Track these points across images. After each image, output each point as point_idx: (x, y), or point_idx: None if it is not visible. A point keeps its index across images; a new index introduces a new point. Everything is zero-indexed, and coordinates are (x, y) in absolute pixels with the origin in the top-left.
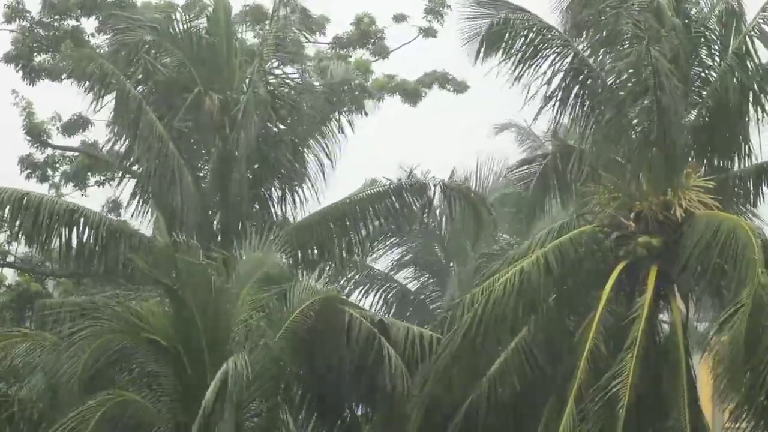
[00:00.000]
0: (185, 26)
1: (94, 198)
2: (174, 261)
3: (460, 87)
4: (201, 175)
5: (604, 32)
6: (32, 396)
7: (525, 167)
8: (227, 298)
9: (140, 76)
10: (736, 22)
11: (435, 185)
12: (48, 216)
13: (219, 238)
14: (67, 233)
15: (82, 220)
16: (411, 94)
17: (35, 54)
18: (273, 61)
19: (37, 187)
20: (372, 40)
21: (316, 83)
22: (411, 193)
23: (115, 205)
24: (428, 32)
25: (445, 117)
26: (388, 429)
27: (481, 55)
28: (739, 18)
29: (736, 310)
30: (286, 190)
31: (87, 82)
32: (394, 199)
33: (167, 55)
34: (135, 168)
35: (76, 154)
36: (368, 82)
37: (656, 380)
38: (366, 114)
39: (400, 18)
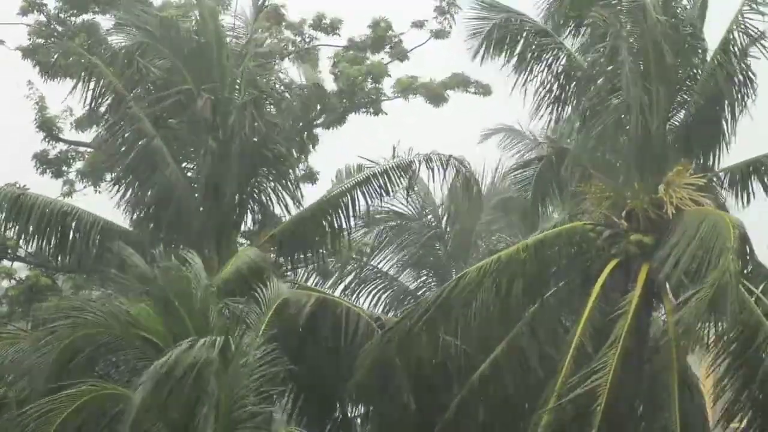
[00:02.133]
0: (177, 27)
1: (108, 195)
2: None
3: (484, 90)
4: (196, 175)
5: (589, 33)
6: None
7: (522, 170)
8: (212, 298)
9: (136, 78)
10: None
11: (420, 161)
12: (40, 216)
13: (213, 238)
14: (59, 234)
15: (74, 222)
16: (434, 96)
17: (52, 50)
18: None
19: (52, 183)
20: (387, 45)
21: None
22: (397, 171)
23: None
24: (440, 34)
25: (465, 118)
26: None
27: (482, 55)
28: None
29: (697, 291)
30: (279, 189)
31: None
32: (380, 179)
33: (161, 56)
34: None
35: (89, 149)
36: (381, 84)
37: (647, 378)
38: (385, 113)
39: (419, 24)
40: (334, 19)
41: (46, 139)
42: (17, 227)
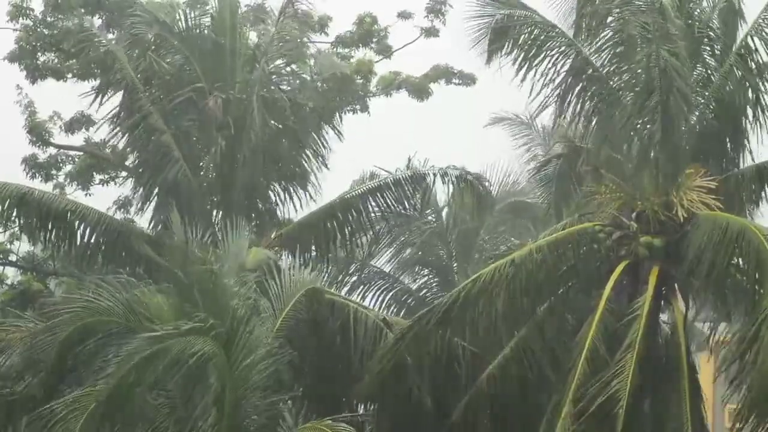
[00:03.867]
0: (191, 24)
1: (98, 197)
2: (186, 256)
3: (468, 80)
4: (202, 174)
5: (610, 33)
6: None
7: (544, 169)
8: (228, 292)
9: (146, 74)
10: (737, 21)
11: (434, 174)
12: (47, 213)
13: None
14: (65, 230)
15: (80, 218)
16: (418, 89)
17: (39, 53)
18: (276, 60)
19: (41, 188)
20: (374, 40)
21: (307, 77)
22: (410, 183)
23: (123, 203)
24: (430, 32)
25: (453, 113)
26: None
27: (486, 54)
28: (740, 16)
29: (762, 321)
30: (289, 188)
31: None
32: (393, 190)
33: (173, 52)
34: (128, 162)
35: (80, 153)
36: (370, 82)
37: (656, 381)
38: (369, 113)
39: (405, 15)
40: (323, 17)
41: (36, 144)
42: (22, 224)
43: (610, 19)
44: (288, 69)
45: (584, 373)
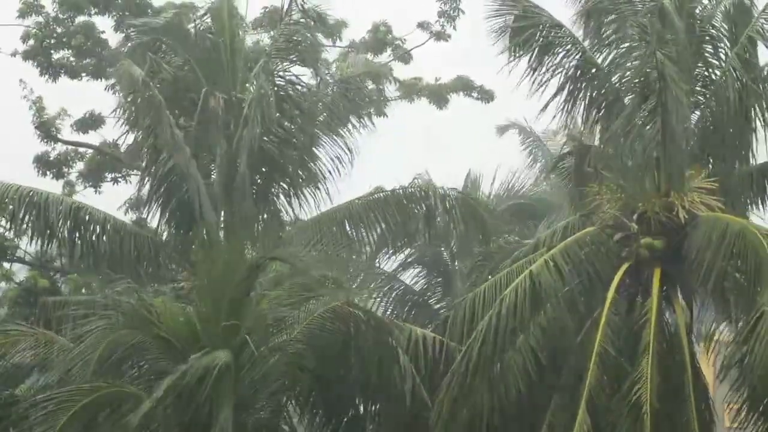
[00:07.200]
0: (192, 26)
1: (108, 196)
2: (212, 260)
3: (486, 95)
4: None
5: (610, 32)
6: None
7: (561, 164)
8: (249, 299)
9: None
10: (746, 18)
11: (434, 193)
12: (54, 213)
13: (222, 237)
14: (72, 230)
15: (87, 217)
16: (437, 97)
17: (52, 51)
18: (282, 61)
19: (53, 184)
20: (389, 49)
21: (330, 80)
22: (412, 201)
23: (135, 203)
24: (440, 35)
25: (467, 117)
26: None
27: (511, 50)
28: (748, 13)
29: (758, 318)
30: (293, 191)
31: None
32: (394, 207)
33: (174, 54)
34: (146, 165)
35: (89, 151)
36: (382, 86)
37: (666, 382)
38: (386, 116)
39: (425, 26)
40: (339, 22)
41: (44, 140)
42: (28, 224)
43: (610, 18)
44: (296, 69)
45: (596, 375)
